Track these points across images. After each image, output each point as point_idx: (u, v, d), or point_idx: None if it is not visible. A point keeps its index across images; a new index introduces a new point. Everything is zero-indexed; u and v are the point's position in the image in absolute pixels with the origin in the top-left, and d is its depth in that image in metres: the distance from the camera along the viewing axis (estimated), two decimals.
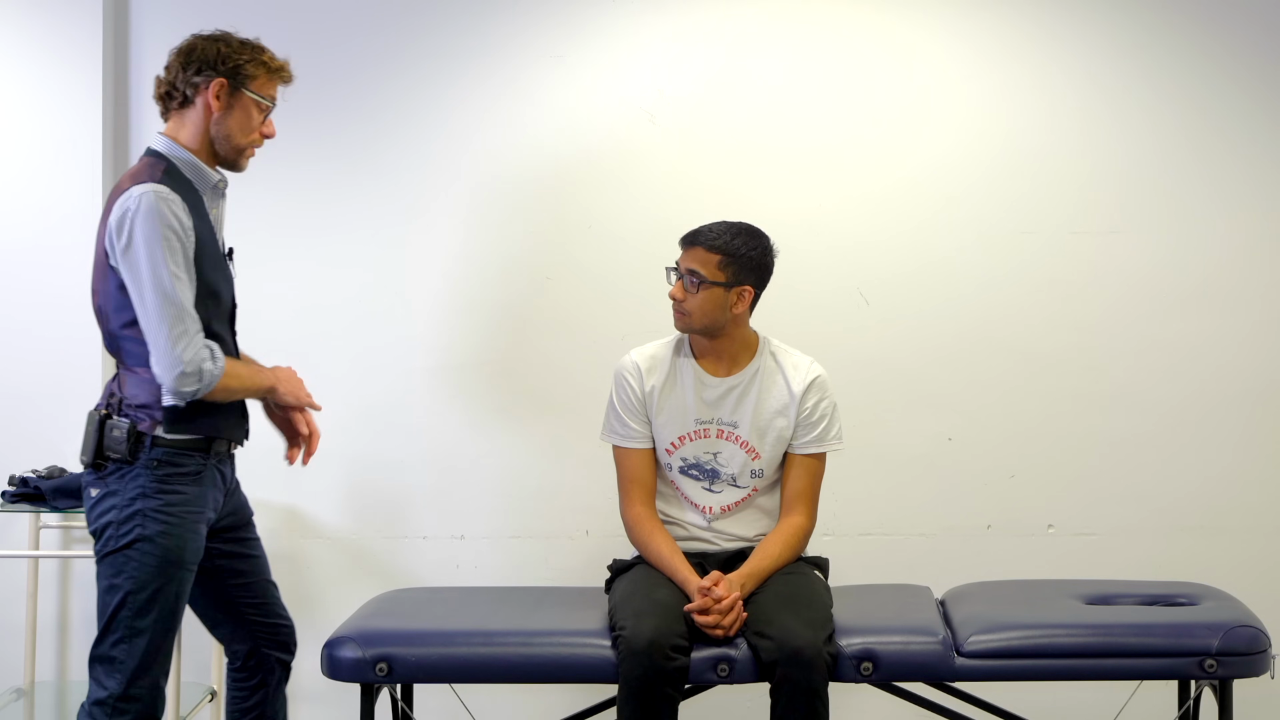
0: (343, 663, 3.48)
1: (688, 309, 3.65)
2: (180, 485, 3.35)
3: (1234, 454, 4.45)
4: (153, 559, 3.32)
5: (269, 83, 3.47)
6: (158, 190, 3.27)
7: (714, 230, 3.68)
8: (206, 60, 3.40)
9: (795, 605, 3.43)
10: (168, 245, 3.26)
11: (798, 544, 3.66)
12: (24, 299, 4.40)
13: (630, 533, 3.70)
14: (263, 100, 3.46)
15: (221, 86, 3.40)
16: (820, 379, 3.71)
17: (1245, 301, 4.45)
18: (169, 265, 3.26)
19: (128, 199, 3.27)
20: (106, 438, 3.36)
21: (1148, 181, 4.46)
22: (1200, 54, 4.44)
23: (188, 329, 3.28)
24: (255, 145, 3.50)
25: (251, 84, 3.43)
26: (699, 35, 4.48)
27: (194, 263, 3.32)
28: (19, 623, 4.35)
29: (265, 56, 3.46)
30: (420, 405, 4.52)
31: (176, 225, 3.28)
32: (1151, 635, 3.48)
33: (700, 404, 3.68)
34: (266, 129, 3.49)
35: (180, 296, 3.27)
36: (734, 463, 3.68)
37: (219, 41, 3.44)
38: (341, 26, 4.50)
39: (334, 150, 4.51)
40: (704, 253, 3.65)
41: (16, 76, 4.41)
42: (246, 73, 3.42)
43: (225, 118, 3.42)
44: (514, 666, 3.47)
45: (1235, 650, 3.43)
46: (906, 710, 3.70)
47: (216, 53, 3.41)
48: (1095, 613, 3.63)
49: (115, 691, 3.35)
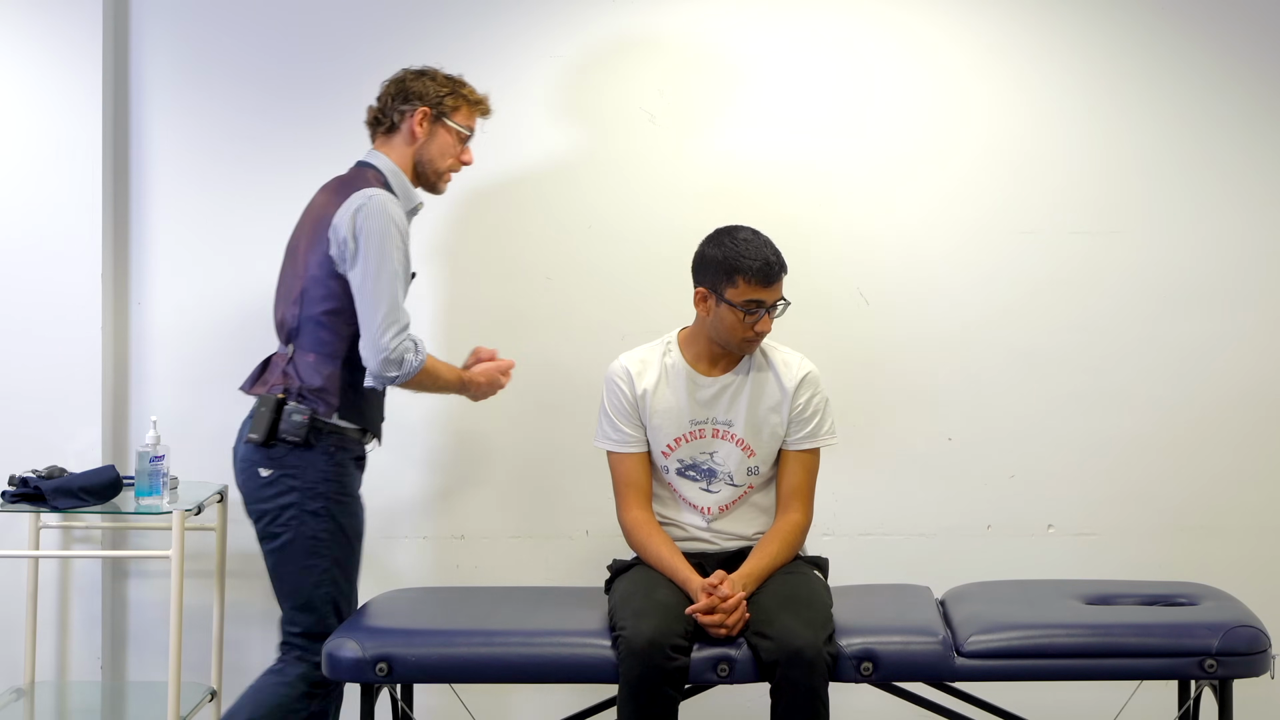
0: (343, 663, 3.48)
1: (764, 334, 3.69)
2: (351, 470, 3.73)
3: (1234, 454, 4.45)
4: (342, 538, 3.69)
5: (469, 114, 3.84)
6: (388, 195, 3.69)
7: (779, 253, 3.67)
8: (414, 92, 3.79)
9: (795, 605, 3.43)
10: (394, 243, 3.64)
11: (796, 541, 3.67)
12: (24, 299, 4.40)
13: (629, 537, 3.70)
14: (462, 130, 3.82)
15: (425, 115, 3.77)
16: (811, 375, 3.71)
17: (1245, 301, 4.45)
18: (393, 261, 3.63)
19: (361, 197, 3.65)
20: (284, 421, 3.65)
21: (1148, 181, 4.46)
22: (1201, 54, 4.44)
23: (398, 319, 3.63)
24: (453, 170, 3.86)
25: (453, 115, 3.80)
26: (699, 35, 4.48)
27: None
28: (19, 623, 4.35)
29: (465, 90, 3.84)
30: (420, 405, 4.51)
31: (402, 227, 3.68)
32: (1151, 635, 3.49)
33: (694, 405, 3.68)
34: (465, 156, 3.86)
35: (397, 291, 3.63)
36: (730, 461, 3.68)
37: (425, 76, 3.82)
38: (342, 27, 4.50)
39: (334, 150, 4.49)
40: (781, 280, 3.66)
41: (16, 76, 4.40)
42: (448, 105, 3.79)
43: (428, 144, 3.78)
44: (514, 666, 3.47)
45: (1235, 650, 3.43)
46: (906, 710, 3.71)
47: (423, 85, 3.79)
48: (1095, 613, 3.63)
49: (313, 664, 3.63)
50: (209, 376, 4.50)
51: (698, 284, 3.65)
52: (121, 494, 4.07)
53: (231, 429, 4.50)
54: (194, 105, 4.49)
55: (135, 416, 4.49)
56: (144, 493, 3.98)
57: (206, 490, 4.24)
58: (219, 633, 4.36)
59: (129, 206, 4.49)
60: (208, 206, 4.50)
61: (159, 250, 4.50)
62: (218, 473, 4.38)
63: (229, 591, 4.42)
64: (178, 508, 3.98)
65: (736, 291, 3.56)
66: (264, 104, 4.49)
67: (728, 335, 3.62)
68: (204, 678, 4.40)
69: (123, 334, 4.49)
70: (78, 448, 4.36)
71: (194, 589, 4.39)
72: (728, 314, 3.59)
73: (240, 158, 4.50)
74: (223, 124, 4.49)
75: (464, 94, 3.82)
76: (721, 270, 3.59)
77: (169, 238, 4.50)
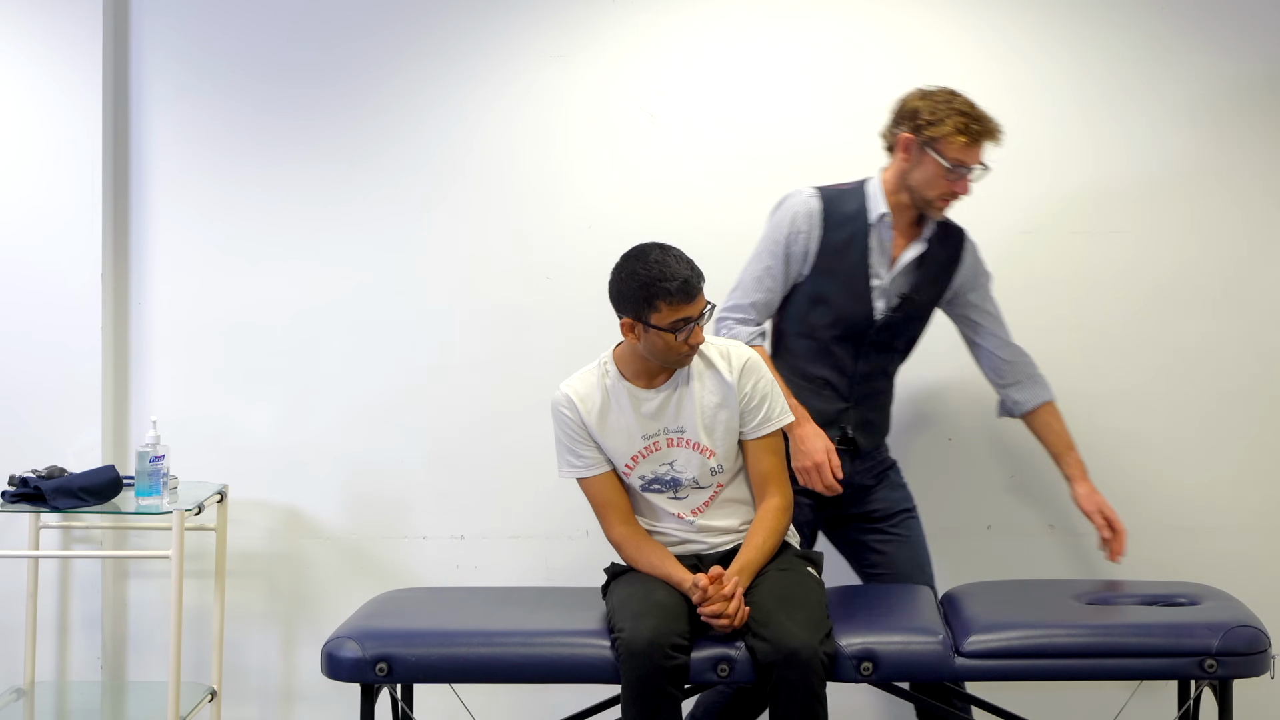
0: (343, 663, 3.48)
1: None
2: None
3: (1234, 454, 4.45)
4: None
5: (953, 145, 3.70)
6: (806, 192, 3.82)
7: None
8: (903, 113, 3.76)
9: (790, 606, 3.43)
10: (771, 236, 3.79)
11: (780, 524, 3.65)
12: (24, 299, 4.40)
13: (621, 554, 3.68)
14: (942, 161, 3.69)
15: (910, 142, 3.72)
16: (751, 361, 3.67)
17: (1245, 301, 4.45)
18: (760, 254, 3.82)
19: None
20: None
21: (1148, 181, 4.45)
22: (1201, 54, 4.43)
23: (735, 303, 3.83)
24: (945, 199, 3.77)
25: (936, 144, 3.70)
26: (699, 35, 4.48)
27: (810, 264, 3.79)
28: (19, 623, 4.35)
29: (955, 121, 3.69)
30: (420, 405, 4.52)
31: (797, 224, 3.77)
32: (1151, 635, 3.48)
33: (642, 420, 3.65)
34: (958, 187, 3.74)
35: (745, 280, 3.83)
36: (691, 466, 3.66)
37: (922, 97, 3.76)
38: (342, 27, 4.50)
39: (334, 150, 4.51)
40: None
41: (16, 76, 4.41)
42: (929, 133, 3.71)
43: (912, 169, 3.76)
44: (514, 666, 3.47)
45: (1235, 650, 3.43)
46: (907, 710, 3.71)
47: (913, 108, 3.74)
48: (1095, 613, 3.63)
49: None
50: (209, 376, 4.50)
51: (621, 315, 3.60)
52: (121, 494, 4.07)
53: (232, 429, 4.52)
54: (194, 104, 4.49)
55: (135, 416, 4.49)
56: (144, 493, 3.98)
57: (206, 490, 4.24)
58: (219, 633, 4.36)
59: (129, 206, 4.49)
60: (208, 206, 4.50)
61: (159, 250, 4.50)
62: (218, 473, 4.39)
63: (229, 591, 4.42)
64: (178, 508, 3.98)
65: (661, 316, 3.52)
66: (264, 104, 4.49)
67: (663, 356, 3.58)
68: (204, 678, 4.41)
69: (123, 334, 4.49)
70: (78, 448, 4.37)
71: (194, 589, 4.40)
72: (658, 338, 3.54)
73: (241, 157, 4.50)
74: (223, 124, 4.50)
75: (953, 123, 3.70)
76: (641, 299, 3.52)
77: (169, 237, 4.50)
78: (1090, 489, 4.00)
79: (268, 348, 4.52)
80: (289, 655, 4.54)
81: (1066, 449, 4.02)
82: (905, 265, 3.84)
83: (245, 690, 4.52)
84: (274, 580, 4.53)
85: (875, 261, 3.82)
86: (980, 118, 3.74)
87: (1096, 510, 3.97)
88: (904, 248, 3.85)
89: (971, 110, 3.75)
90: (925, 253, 3.85)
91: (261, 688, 4.54)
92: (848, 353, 3.85)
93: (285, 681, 4.55)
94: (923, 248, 3.85)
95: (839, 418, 3.87)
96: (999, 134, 3.78)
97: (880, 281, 3.83)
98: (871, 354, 3.88)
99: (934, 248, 3.88)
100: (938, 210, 3.81)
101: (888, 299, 3.84)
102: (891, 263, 3.84)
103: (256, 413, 4.51)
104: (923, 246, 3.85)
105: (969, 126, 3.70)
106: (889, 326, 3.86)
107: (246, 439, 4.50)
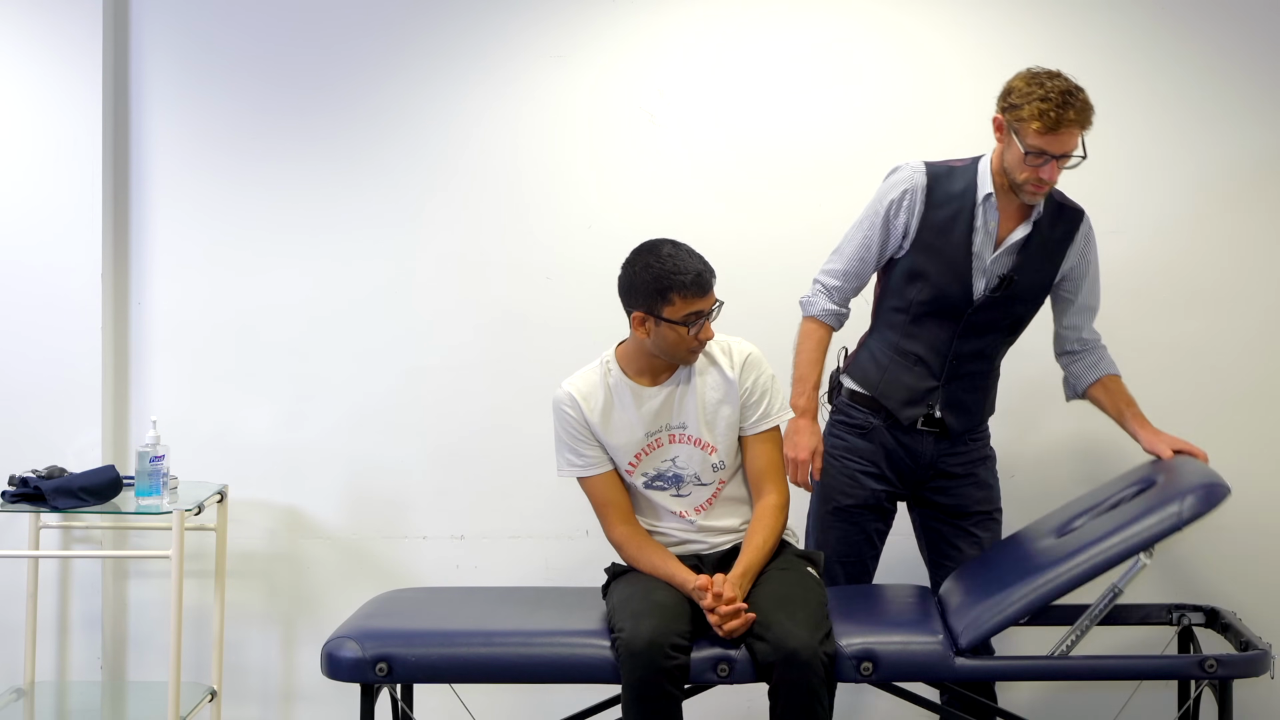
0: (343, 663, 3.48)
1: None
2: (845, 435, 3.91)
3: (1234, 454, 4.43)
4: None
5: (1029, 131, 3.62)
6: (914, 166, 3.80)
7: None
8: (1002, 92, 3.71)
9: (790, 606, 3.42)
10: (874, 207, 3.81)
11: (778, 523, 3.65)
12: (24, 299, 4.40)
13: (621, 554, 3.68)
14: (1020, 146, 3.63)
15: (1000, 123, 3.70)
16: (752, 356, 3.68)
17: (1245, 301, 4.45)
18: (861, 221, 3.83)
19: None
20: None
21: (1148, 182, 4.46)
22: (1200, 54, 4.43)
23: (829, 267, 3.86)
24: (1032, 183, 3.67)
25: (1017, 128, 3.64)
26: (699, 35, 4.48)
27: (910, 239, 3.77)
28: (19, 623, 4.35)
29: (1033, 106, 3.61)
30: (420, 405, 4.52)
31: (901, 198, 3.78)
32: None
33: (644, 417, 3.66)
34: (1043, 174, 3.65)
35: (844, 246, 3.85)
36: (693, 462, 3.67)
37: (1021, 77, 3.68)
38: (342, 27, 4.50)
39: (334, 150, 4.52)
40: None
41: (16, 76, 4.41)
42: (1012, 116, 3.66)
43: (1004, 150, 3.72)
44: (514, 666, 3.47)
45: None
46: (907, 710, 3.71)
47: (1008, 88, 3.70)
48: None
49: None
50: (209, 376, 4.50)
51: (631, 309, 3.60)
52: (121, 494, 4.07)
53: (232, 429, 4.52)
54: (194, 104, 4.49)
55: (135, 416, 4.49)
56: (144, 493, 3.99)
57: (206, 490, 4.24)
58: (219, 633, 4.36)
59: (129, 206, 4.49)
60: (208, 206, 4.51)
61: (159, 250, 4.50)
62: (218, 473, 4.39)
63: (229, 591, 4.42)
64: (178, 508, 3.98)
65: (674, 309, 3.53)
66: (265, 103, 4.50)
67: (673, 351, 3.59)
68: (204, 678, 4.41)
69: (123, 334, 4.49)
70: (78, 448, 4.37)
71: (194, 589, 4.40)
72: (669, 332, 3.56)
73: (241, 158, 4.50)
74: (223, 123, 4.50)
75: (1029, 105, 3.61)
76: (654, 291, 3.54)
77: (169, 237, 4.50)
78: (1153, 434, 3.91)
79: (268, 348, 4.52)
80: (289, 655, 4.54)
81: (1126, 405, 3.95)
82: (1010, 246, 3.78)
83: (245, 690, 4.53)
84: (274, 580, 4.54)
85: (979, 241, 3.77)
86: (1064, 104, 3.60)
87: (1168, 449, 3.86)
88: (1012, 229, 3.79)
89: (1058, 96, 3.61)
90: (1031, 234, 3.78)
91: (261, 688, 4.55)
92: (944, 331, 3.80)
93: (285, 681, 4.55)
94: (1029, 229, 3.78)
95: (927, 396, 3.84)
96: (1086, 121, 3.64)
97: (982, 261, 3.78)
98: (971, 335, 3.83)
99: (1043, 229, 3.80)
100: (1030, 195, 3.71)
101: (988, 279, 3.79)
102: (997, 243, 3.78)
103: (256, 413, 4.51)
104: (1029, 228, 3.78)
105: (1046, 113, 3.59)
106: (989, 306, 3.80)
107: (246, 439, 4.50)
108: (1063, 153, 3.63)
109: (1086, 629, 3.46)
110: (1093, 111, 3.63)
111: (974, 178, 3.78)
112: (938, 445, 3.87)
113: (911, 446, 3.86)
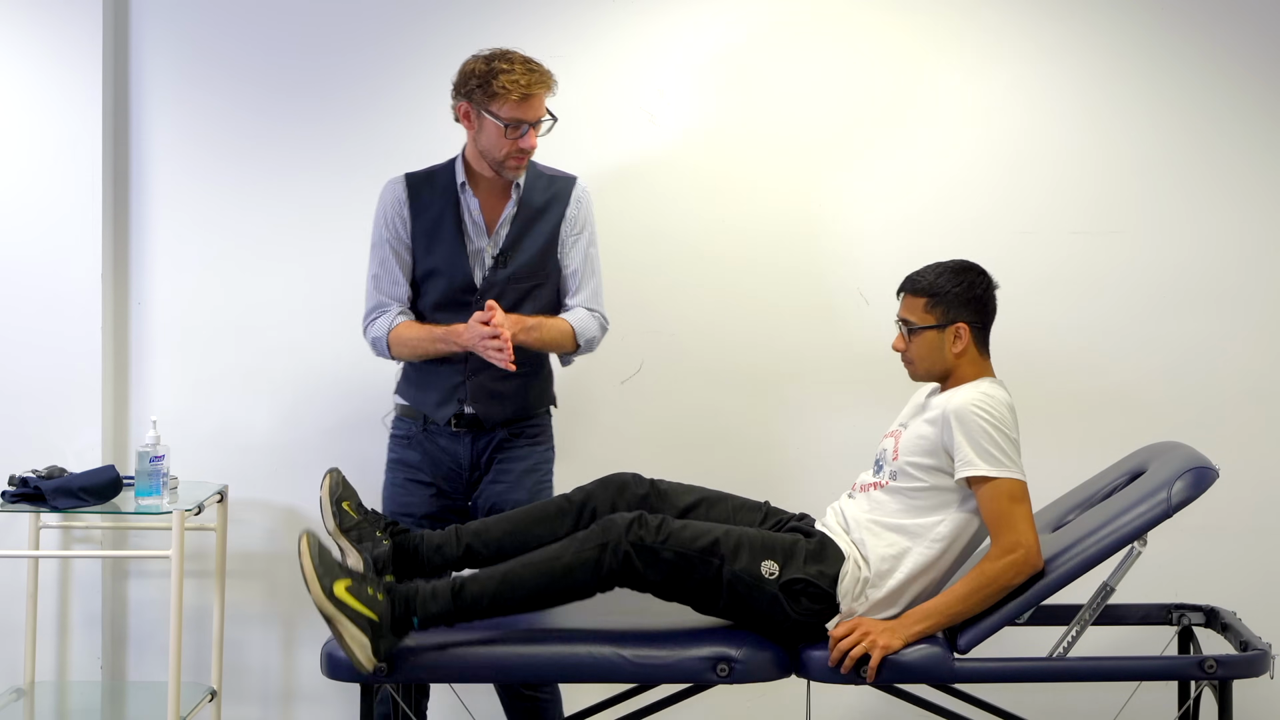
0: (343, 663, 3.47)
1: (910, 358, 3.58)
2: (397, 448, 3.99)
3: (1234, 454, 4.44)
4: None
5: (503, 104, 3.79)
6: (394, 179, 3.94)
7: (919, 273, 3.58)
8: (459, 81, 3.84)
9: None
10: (373, 238, 3.96)
11: (978, 580, 3.42)
12: (24, 299, 4.40)
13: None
14: (497, 121, 3.79)
15: (466, 109, 3.83)
16: (971, 406, 3.46)
17: (1245, 301, 4.46)
18: (373, 248, 3.96)
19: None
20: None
21: (1149, 181, 4.46)
22: (1201, 53, 4.44)
23: (371, 306, 3.96)
24: (513, 156, 3.83)
25: (490, 104, 3.79)
26: (698, 35, 4.48)
27: (407, 251, 3.91)
28: (19, 623, 4.35)
29: (500, 80, 3.77)
30: None
31: (389, 213, 3.92)
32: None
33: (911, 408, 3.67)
34: (525, 143, 3.81)
35: (368, 285, 3.96)
36: (887, 451, 3.62)
37: (469, 63, 3.81)
38: (342, 28, 4.50)
39: (334, 150, 4.51)
40: (910, 298, 3.57)
41: (16, 76, 4.41)
42: (483, 95, 3.80)
43: (478, 136, 3.84)
44: (514, 666, 3.47)
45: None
46: (906, 710, 3.70)
47: (463, 75, 3.82)
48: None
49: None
50: (209, 376, 4.50)
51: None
52: (121, 494, 4.07)
53: (232, 429, 4.51)
54: (194, 104, 4.49)
55: (135, 416, 4.49)
56: (144, 493, 3.98)
57: (206, 490, 4.24)
58: (219, 633, 4.36)
59: (129, 206, 4.49)
60: (208, 206, 4.51)
61: (159, 250, 4.50)
62: (218, 473, 4.39)
63: (229, 591, 4.42)
64: (178, 508, 3.98)
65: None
66: (264, 103, 4.50)
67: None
68: (204, 678, 4.41)
69: (123, 334, 4.49)
70: (78, 448, 4.37)
71: (194, 589, 4.40)
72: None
73: (241, 157, 4.50)
74: (223, 123, 4.50)
75: (495, 84, 3.75)
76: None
77: (169, 237, 4.50)
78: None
79: (268, 348, 4.52)
80: (289, 655, 4.54)
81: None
82: (500, 224, 3.88)
83: (245, 690, 4.53)
84: (274, 580, 4.53)
85: (471, 229, 3.88)
86: (529, 71, 3.77)
87: None
88: (501, 209, 3.90)
89: (521, 66, 3.77)
90: (519, 210, 3.89)
91: (261, 688, 4.55)
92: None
93: (285, 681, 4.55)
94: (515, 206, 3.89)
95: (456, 391, 3.89)
96: (550, 84, 3.80)
97: (478, 247, 3.88)
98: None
99: (533, 203, 3.91)
100: (513, 170, 3.84)
101: (485, 261, 3.88)
102: (489, 227, 3.88)
103: (256, 413, 4.51)
104: (515, 206, 3.89)
105: (517, 82, 3.74)
106: (492, 288, 3.86)
107: (246, 439, 4.50)
108: (537, 118, 3.78)
109: (1084, 626, 3.45)
110: (552, 76, 3.80)
111: (453, 174, 3.90)
112: (473, 444, 3.90)
113: (451, 450, 3.91)
